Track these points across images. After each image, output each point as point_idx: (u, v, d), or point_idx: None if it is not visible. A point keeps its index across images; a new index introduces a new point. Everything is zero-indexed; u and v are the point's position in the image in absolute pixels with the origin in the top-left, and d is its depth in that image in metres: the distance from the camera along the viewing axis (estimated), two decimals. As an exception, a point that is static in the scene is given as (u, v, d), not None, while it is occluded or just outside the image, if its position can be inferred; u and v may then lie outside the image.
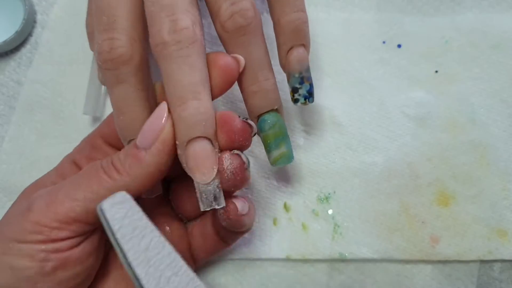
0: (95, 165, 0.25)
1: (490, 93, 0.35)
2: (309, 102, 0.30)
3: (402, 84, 0.36)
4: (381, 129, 0.35)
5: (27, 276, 0.23)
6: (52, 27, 0.40)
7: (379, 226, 0.33)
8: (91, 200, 0.23)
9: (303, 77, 0.29)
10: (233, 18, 0.26)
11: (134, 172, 0.24)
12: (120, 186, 0.24)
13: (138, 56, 0.25)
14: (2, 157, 0.37)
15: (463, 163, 0.34)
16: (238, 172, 0.25)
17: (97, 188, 0.24)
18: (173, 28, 0.24)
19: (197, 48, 0.24)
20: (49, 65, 0.39)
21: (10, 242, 0.23)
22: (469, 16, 0.37)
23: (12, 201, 0.35)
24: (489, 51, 0.36)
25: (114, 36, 0.25)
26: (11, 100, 0.39)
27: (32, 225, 0.23)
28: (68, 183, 0.25)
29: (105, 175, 0.24)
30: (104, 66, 0.25)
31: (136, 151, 0.24)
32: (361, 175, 0.34)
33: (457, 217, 0.33)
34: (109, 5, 0.25)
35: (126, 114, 0.26)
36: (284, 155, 0.29)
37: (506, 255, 0.32)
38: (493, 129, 0.35)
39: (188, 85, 0.24)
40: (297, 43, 0.28)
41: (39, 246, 0.23)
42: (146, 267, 0.21)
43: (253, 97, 0.28)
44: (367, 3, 0.38)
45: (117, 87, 0.25)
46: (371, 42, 0.37)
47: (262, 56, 0.27)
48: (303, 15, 0.28)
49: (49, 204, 0.23)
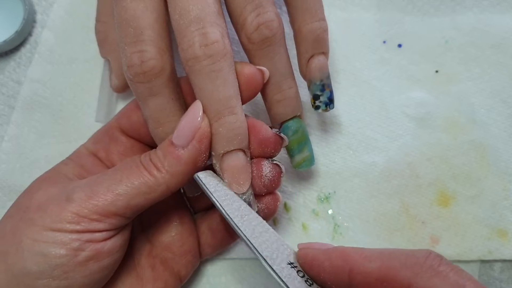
0: (134, 161, 0.25)
1: (491, 93, 0.35)
2: (330, 108, 0.31)
3: (403, 84, 0.36)
4: (381, 129, 0.35)
5: (60, 264, 0.23)
6: (52, 26, 0.40)
7: (379, 226, 0.33)
8: (132, 196, 0.24)
9: (324, 84, 0.30)
10: (259, 30, 0.26)
11: (174, 170, 0.25)
12: (161, 182, 0.25)
13: (169, 67, 0.26)
14: (2, 157, 0.37)
15: (463, 163, 0.34)
16: (276, 180, 0.27)
17: (138, 185, 0.24)
18: (204, 42, 0.24)
19: (228, 61, 0.25)
20: (49, 65, 0.39)
21: (44, 230, 0.23)
22: (470, 16, 0.37)
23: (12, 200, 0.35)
24: (489, 51, 0.36)
25: (143, 49, 0.25)
26: (10, 100, 0.39)
27: (71, 215, 0.23)
28: (108, 177, 0.25)
29: (146, 172, 0.25)
30: (136, 79, 0.25)
31: (174, 150, 0.25)
32: (361, 175, 0.34)
33: (457, 217, 0.33)
34: (134, 16, 0.25)
35: (164, 124, 0.27)
36: (307, 159, 0.30)
37: (507, 255, 0.32)
38: (494, 129, 0.35)
39: (224, 100, 0.25)
40: (318, 52, 0.29)
41: (75, 236, 0.23)
42: (241, 220, 0.25)
43: (277, 105, 0.29)
44: (367, 3, 0.38)
45: (152, 100, 0.26)
46: (372, 41, 0.37)
47: (285, 65, 0.28)
48: (324, 24, 0.29)
49: (91, 196, 0.24)
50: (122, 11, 0.26)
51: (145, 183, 0.24)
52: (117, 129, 0.30)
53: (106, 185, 0.24)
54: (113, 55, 0.35)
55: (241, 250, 0.33)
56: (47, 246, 0.23)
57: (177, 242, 0.30)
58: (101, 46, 0.36)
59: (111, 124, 0.30)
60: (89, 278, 0.24)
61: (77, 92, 0.38)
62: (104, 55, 0.36)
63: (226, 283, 0.33)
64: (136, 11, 0.25)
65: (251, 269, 0.33)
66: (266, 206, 0.28)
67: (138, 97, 0.27)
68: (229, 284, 0.33)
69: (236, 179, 0.25)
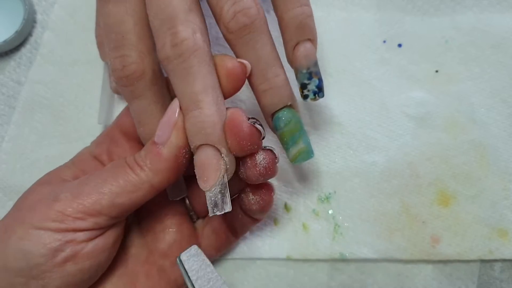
0: (120, 162, 0.26)
1: (490, 92, 0.35)
2: (319, 97, 0.29)
3: (403, 83, 0.36)
4: (381, 129, 0.35)
5: (38, 263, 0.23)
6: (53, 27, 0.40)
7: (380, 226, 0.33)
8: (117, 194, 0.25)
9: (311, 72, 0.28)
10: (236, 18, 0.25)
11: (155, 167, 0.25)
12: (144, 181, 0.25)
13: (150, 70, 0.26)
14: (2, 157, 0.37)
15: (463, 163, 0.34)
16: (271, 167, 0.26)
17: (123, 183, 0.25)
18: (174, 42, 0.24)
19: (198, 56, 0.24)
20: (50, 66, 0.39)
21: (30, 228, 0.24)
22: (470, 15, 0.37)
23: (12, 200, 0.35)
24: (489, 50, 0.36)
25: (124, 53, 0.26)
26: (11, 100, 0.39)
27: (56, 213, 0.24)
28: (94, 177, 0.25)
29: (130, 170, 0.25)
30: (119, 83, 0.26)
31: (154, 147, 0.25)
32: (362, 175, 0.34)
33: (457, 217, 0.33)
34: (116, 21, 0.26)
35: (146, 125, 0.27)
36: (303, 151, 0.28)
37: (507, 255, 0.32)
38: (494, 129, 0.35)
39: (190, 95, 0.24)
40: (303, 38, 0.28)
41: (56, 235, 0.24)
42: None
43: (264, 95, 0.27)
44: (367, 3, 0.38)
45: (135, 102, 0.27)
46: (372, 41, 0.37)
47: (269, 53, 0.27)
48: (307, 9, 0.27)
49: (76, 195, 0.24)
50: (105, 17, 0.26)
51: (129, 182, 0.25)
52: (118, 131, 0.30)
53: (92, 185, 0.25)
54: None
55: (241, 250, 0.34)
56: (30, 244, 0.23)
57: (175, 249, 0.29)
58: (101, 49, 0.36)
59: (112, 127, 0.30)
60: (66, 279, 0.24)
61: (78, 93, 0.38)
62: (103, 58, 0.36)
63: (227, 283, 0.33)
64: (117, 16, 0.26)
65: (251, 269, 0.33)
66: (261, 197, 0.28)
67: (125, 99, 0.28)
68: (229, 284, 0.33)
69: (200, 175, 0.25)
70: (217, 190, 0.25)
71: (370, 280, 0.33)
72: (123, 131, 0.30)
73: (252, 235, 0.34)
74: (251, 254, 0.33)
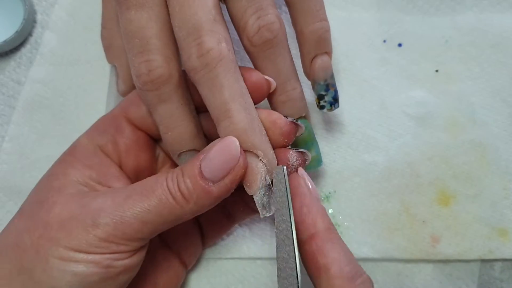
0: (162, 188, 0.25)
1: (491, 92, 0.35)
2: (334, 108, 0.31)
3: (403, 83, 0.36)
4: (381, 128, 0.35)
5: (92, 281, 0.24)
6: (53, 27, 0.40)
7: (380, 225, 0.33)
8: (159, 224, 0.24)
9: (328, 84, 0.31)
10: (260, 32, 0.27)
11: (202, 203, 0.25)
12: (187, 213, 0.25)
13: (177, 74, 0.26)
14: (2, 157, 0.37)
15: (463, 163, 0.34)
16: (303, 167, 0.28)
17: (167, 215, 0.24)
18: (200, 53, 0.25)
19: (224, 65, 0.25)
20: (51, 66, 0.39)
21: (71, 251, 0.23)
22: (470, 15, 0.37)
23: (12, 201, 0.35)
24: (489, 50, 0.36)
25: (150, 58, 0.26)
26: (11, 100, 0.39)
27: (98, 240, 0.23)
28: (135, 203, 0.24)
29: (174, 202, 0.24)
30: (144, 88, 0.26)
31: (204, 184, 0.24)
32: (362, 175, 0.34)
33: (457, 217, 0.33)
34: (139, 27, 0.26)
35: (174, 129, 0.27)
36: (314, 159, 0.30)
37: (507, 255, 0.32)
38: (494, 129, 0.35)
39: (219, 105, 0.25)
40: (321, 52, 0.30)
41: (105, 256, 0.24)
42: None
43: (282, 106, 0.29)
44: (368, 2, 0.38)
45: (161, 106, 0.27)
46: (372, 41, 0.37)
47: (288, 66, 0.29)
48: (326, 24, 0.29)
49: (118, 223, 0.24)
50: (127, 23, 0.26)
51: (173, 213, 0.24)
52: (124, 118, 0.29)
53: (134, 213, 0.24)
54: (119, 61, 0.35)
55: (241, 250, 0.34)
56: (78, 265, 0.23)
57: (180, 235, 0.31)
58: (107, 52, 0.36)
59: (116, 114, 0.29)
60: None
61: (78, 93, 0.38)
62: (110, 61, 0.36)
63: (227, 283, 0.33)
64: (140, 22, 0.26)
65: (251, 269, 0.33)
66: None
67: (148, 104, 0.27)
68: (230, 284, 0.33)
69: (243, 181, 0.26)
70: (262, 193, 0.26)
71: (370, 280, 0.33)
72: (130, 119, 0.29)
73: (252, 235, 0.34)
74: (251, 253, 0.33)
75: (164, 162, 0.32)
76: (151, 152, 0.30)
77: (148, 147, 0.30)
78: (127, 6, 0.26)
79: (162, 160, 0.32)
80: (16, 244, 0.24)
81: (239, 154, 0.25)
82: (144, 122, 0.29)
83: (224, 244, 0.34)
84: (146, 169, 0.30)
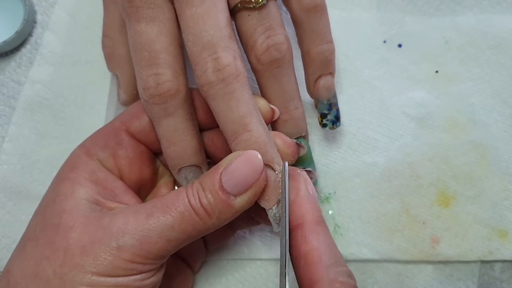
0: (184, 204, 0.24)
1: (491, 93, 0.35)
2: (336, 126, 0.32)
3: (403, 84, 0.36)
4: (381, 129, 0.35)
5: None
6: (53, 27, 0.40)
7: (380, 226, 0.33)
8: (183, 240, 0.24)
9: (331, 103, 0.32)
10: (269, 52, 0.27)
11: (224, 217, 0.24)
12: (209, 227, 0.24)
13: (184, 89, 0.27)
14: (2, 157, 0.37)
15: (463, 164, 0.34)
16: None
17: (191, 231, 0.24)
18: (217, 67, 0.25)
19: (241, 81, 0.25)
20: (51, 66, 0.39)
21: (99, 276, 0.23)
22: (470, 16, 0.37)
23: (12, 201, 0.35)
24: (489, 51, 0.36)
25: (159, 72, 0.26)
26: (11, 100, 0.39)
27: (125, 262, 0.23)
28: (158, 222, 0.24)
29: (198, 218, 0.24)
30: (151, 101, 0.26)
31: (226, 198, 0.24)
32: (362, 175, 0.34)
33: (457, 218, 0.33)
34: (149, 40, 0.26)
35: (176, 144, 0.27)
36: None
37: (507, 255, 0.32)
38: (494, 130, 0.35)
39: (237, 119, 0.25)
40: (325, 72, 0.31)
41: (132, 278, 0.23)
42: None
43: (284, 125, 0.30)
44: (368, 3, 0.38)
45: (166, 120, 0.27)
46: (372, 41, 0.37)
47: (292, 86, 0.29)
48: (331, 46, 0.30)
49: (143, 243, 0.23)
50: (137, 35, 0.26)
51: (196, 229, 0.24)
52: (124, 132, 0.29)
53: (158, 232, 0.24)
54: (121, 70, 0.34)
55: (241, 251, 0.34)
56: None
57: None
58: (109, 61, 0.35)
59: (117, 127, 0.29)
60: None
61: (78, 93, 0.38)
62: (111, 69, 0.36)
63: (227, 283, 0.33)
64: (150, 35, 0.26)
65: (251, 269, 0.34)
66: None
67: (152, 117, 0.27)
68: (230, 284, 0.33)
69: (261, 195, 0.25)
70: (277, 206, 0.26)
71: (370, 280, 0.33)
72: (131, 132, 0.29)
73: (252, 235, 0.34)
74: (251, 254, 0.33)
75: (162, 174, 0.32)
76: (152, 165, 0.30)
77: (149, 160, 0.30)
78: (137, 19, 0.26)
79: (161, 172, 0.32)
80: (36, 274, 0.23)
81: (262, 167, 0.24)
82: (145, 136, 0.29)
83: (224, 245, 0.34)
84: (148, 182, 0.30)
